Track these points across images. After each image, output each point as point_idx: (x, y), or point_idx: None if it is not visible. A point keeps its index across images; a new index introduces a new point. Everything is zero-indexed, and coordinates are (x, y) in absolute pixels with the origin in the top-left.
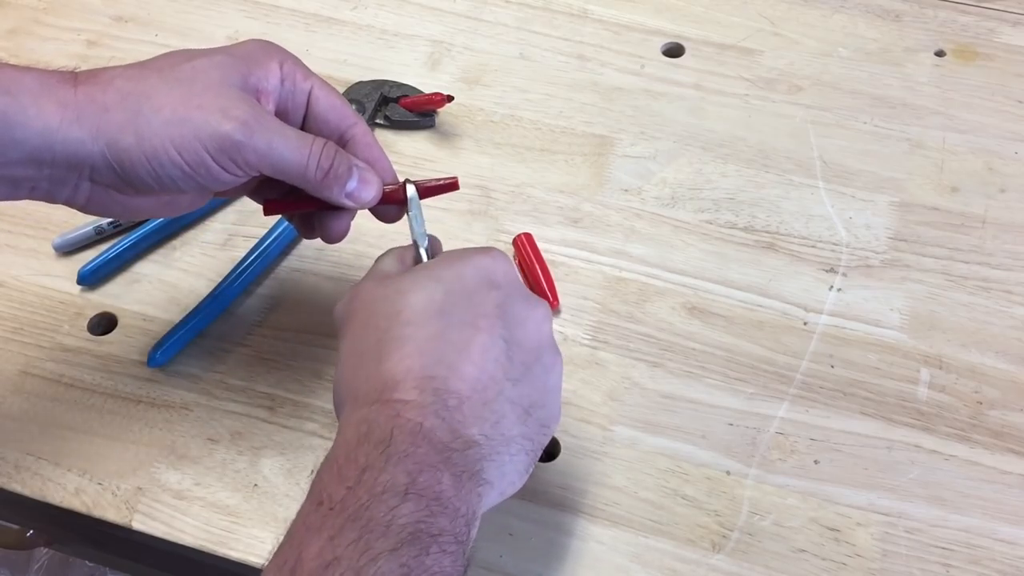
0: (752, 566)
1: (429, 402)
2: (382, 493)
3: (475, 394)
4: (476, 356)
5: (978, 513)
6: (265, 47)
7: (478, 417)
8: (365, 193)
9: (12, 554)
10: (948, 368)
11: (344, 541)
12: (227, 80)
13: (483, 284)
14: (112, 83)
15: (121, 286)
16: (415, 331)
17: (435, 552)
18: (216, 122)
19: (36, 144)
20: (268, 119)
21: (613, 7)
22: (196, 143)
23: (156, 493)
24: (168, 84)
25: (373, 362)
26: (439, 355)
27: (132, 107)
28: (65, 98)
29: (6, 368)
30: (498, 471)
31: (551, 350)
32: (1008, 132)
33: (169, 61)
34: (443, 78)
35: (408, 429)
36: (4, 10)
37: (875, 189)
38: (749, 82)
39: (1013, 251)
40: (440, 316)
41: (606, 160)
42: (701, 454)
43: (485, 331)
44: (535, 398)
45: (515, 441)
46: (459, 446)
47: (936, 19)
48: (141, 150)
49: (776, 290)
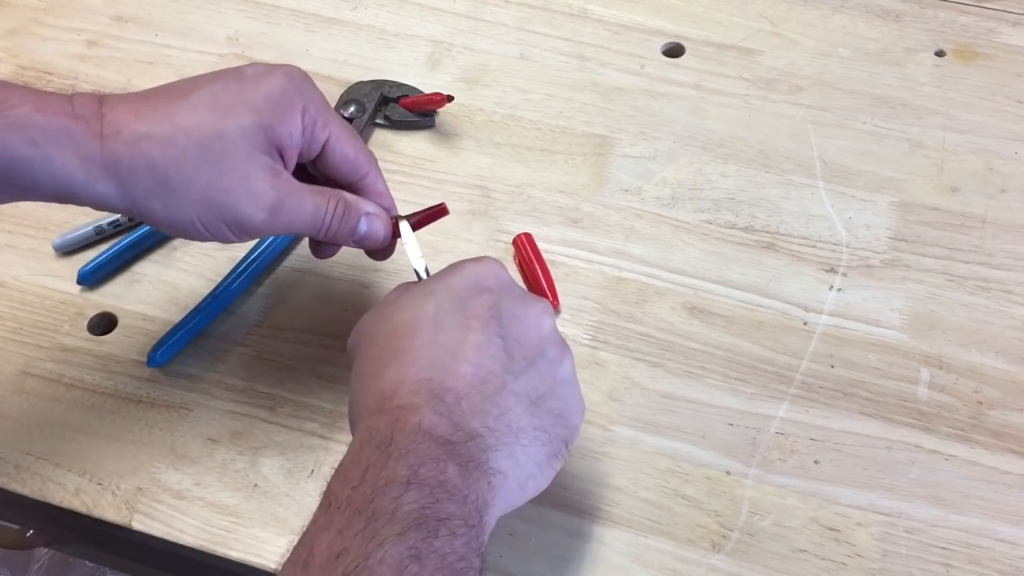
0: (752, 566)
1: (425, 402)
2: (385, 486)
3: (473, 390)
4: (471, 355)
5: (978, 513)
6: (292, 92)
7: (479, 411)
8: (373, 239)
9: (12, 554)
10: (948, 368)
11: (351, 532)
12: (254, 151)
13: (474, 290)
14: (138, 146)
15: (121, 286)
16: (409, 342)
17: (444, 535)
18: (244, 211)
19: (59, 191)
20: (289, 198)
21: (613, 7)
22: (220, 223)
23: (156, 493)
24: (195, 155)
25: (372, 378)
26: (433, 360)
27: (159, 178)
28: (91, 153)
29: (6, 368)
30: (510, 460)
31: (555, 344)
32: (1008, 132)
33: (196, 118)
34: (443, 78)
35: (407, 430)
36: (4, 10)
37: (875, 189)
38: (749, 82)
39: (1013, 251)
40: (432, 325)
41: (606, 160)
42: (701, 454)
43: (478, 331)
44: (542, 390)
45: (525, 432)
46: (461, 438)
47: (936, 19)
48: (167, 216)
49: (776, 290)
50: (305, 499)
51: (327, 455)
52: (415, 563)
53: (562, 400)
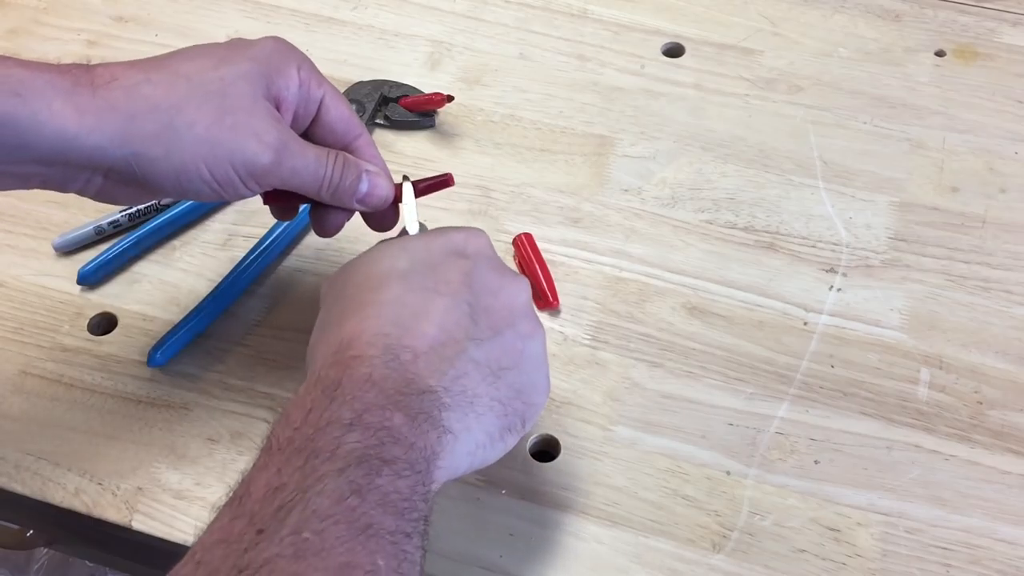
0: (752, 566)
1: (379, 355)
2: (327, 426)
3: (432, 351)
4: (434, 317)
5: (978, 513)
6: (284, 50)
7: (435, 370)
8: (376, 197)
9: (12, 554)
10: (948, 368)
11: (290, 469)
12: (255, 94)
13: (450, 254)
14: (138, 89)
15: (121, 286)
16: (375, 296)
17: (388, 474)
18: (252, 149)
19: (49, 147)
20: (292, 142)
21: (613, 7)
22: (227, 165)
23: (156, 493)
24: (198, 96)
25: (335, 326)
26: (395, 317)
27: (162, 119)
28: (82, 103)
29: (6, 368)
30: (462, 423)
31: (528, 319)
32: (1008, 132)
33: (195, 65)
34: (443, 78)
35: (356, 378)
36: (4, 10)
37: (875, 189)
38: (749, 82)
39: (1013, 251)
40: (400, 281)
41: (606, 160)
42: (701, 454)
43: (447, 295)
44: (505, 363)
45: (481, 400)
46: (412, 391)
47: (936, 19)
48: (170, 163)
49: (776, 290)
50: None
51: None
52: (355, 496)
53: (526, 376)
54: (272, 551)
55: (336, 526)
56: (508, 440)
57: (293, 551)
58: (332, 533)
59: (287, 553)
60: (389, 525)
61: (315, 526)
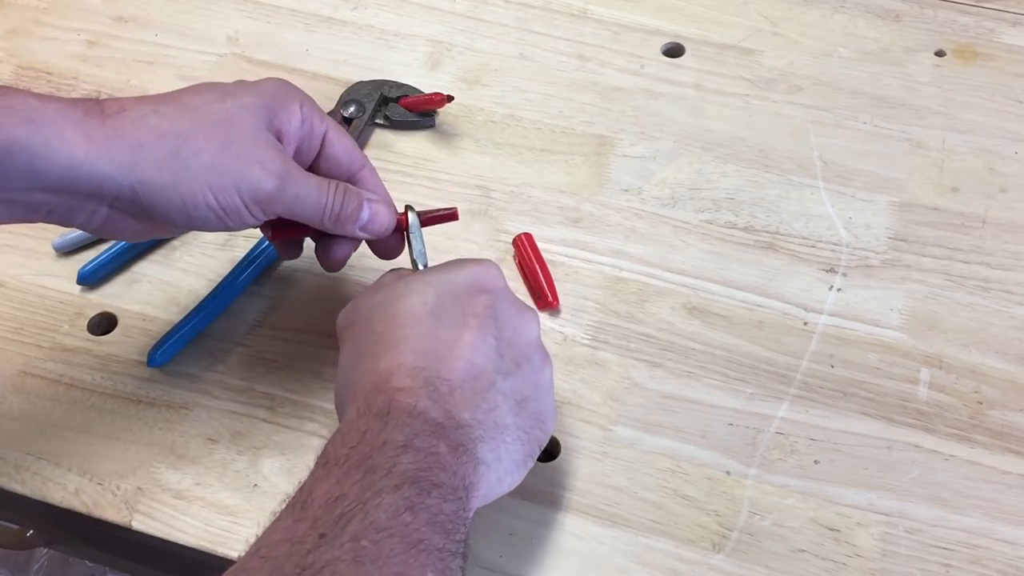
0: (752, 566)
1: (420, 387)
2: (383, 446)
3: (465, 384)
4: (466, 352)
5: (978, 513)
6: (286, 88)
7: (469, 403)
8: (378, 224)
9: (12, 554)
10: (948, 368)
11: (349, 482)
12: (259, 125)
13: (473, 288)
14: (145, 119)
15: (121, 286)
16: (409, 331)
17: (436, 497)
18: (256, 176)
19: (58, 175)
20: (295, 171)
21: (613, 7)
22: (233, 192)
23: (156, 493)
24: (204, 126)
25: (371, 360)
26: (430, 350)
27: (169, 147)
28: (92, 131)
29: (6, 368)
30: (493, 454)
31: (541, 352)
32: (1008, 132)
33: (200, 99)
34: (443, 78)
35: (404, 408)
36: (4, 10)
37: (875, 189)
38: (749, 82)
39: (1013, 251)
40: (432, 317)
41: (606, 160)
42: (701, 454)
43: (475, 329)
44: (527, 393)
45: (509, 430)
46: (452, 424)
47: (936, 19)
48: (177, 190)
49: (776, 290)
50: None
51: None
52: (409, 513)
53: (541, 404)
54: (333, 554)
55: (391, 539)
56: (528, 464)
57: (352, 556)
58: (388, 545)
59: (347, 557)
60: (438, 543)
61: (373, 536)
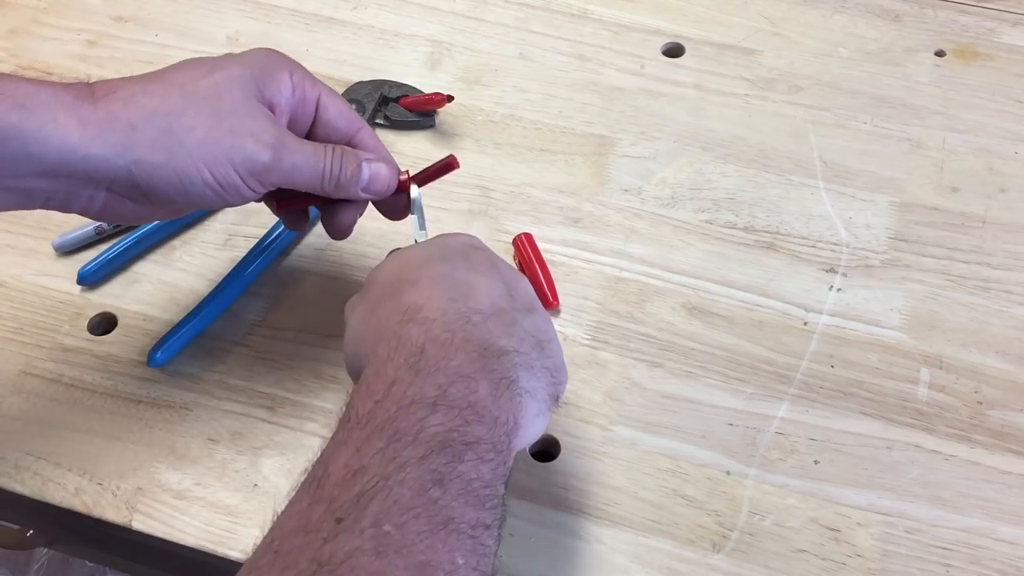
0: (752, 566)
1: (454, 319)
2: (410, 404)
3: (494, 316)
4: (484, 290)
5: (978, 513)
6: (274, 57)
7: (504, 332)
8: (379, 183)
9: (12, 554)
10: (948, 368)
11: (371, 450)
12: (249, 97)
13: (469, 247)
14: (135, 100)
15: (121, 286)
16: (424, 272)
17: (470, 459)
18: (250, 148)
19: (53, 159)
20: (289, 139)
21: (613, 7)
22: (228, 165)
23: (156, 493)
24: (194, 102)
25: (392, 300)
26: (451, 287)
27: (161, 125)
28: (84, 114)
29: (6, 368)
30: (530, 384)
31: (543, 310)
32: (1008, 132)
33: (187, 75)
34: (443, 78)
35: (440, 341)
36: (4, 10)
37: (875, 189)
38: (749, 82)
39: (1013, 251)
40: (443, 261)
41: (606, 160)
42: (701, 454)
43: (485, 275)
44: (542, 336)
45: (537, 365)
46: (494, 353)
47: (936, 19)
48: (172, 168)
49: (776, 290)
50: None
51: None
52: (437, 487)
53: (556, 353)
54: (353, 544)
55: (417, 520)
56: (551, 411)
57: (374, 545)
58: (413, 528)
59: (368, 547)
60: (470, 518)
61: (396, 519)
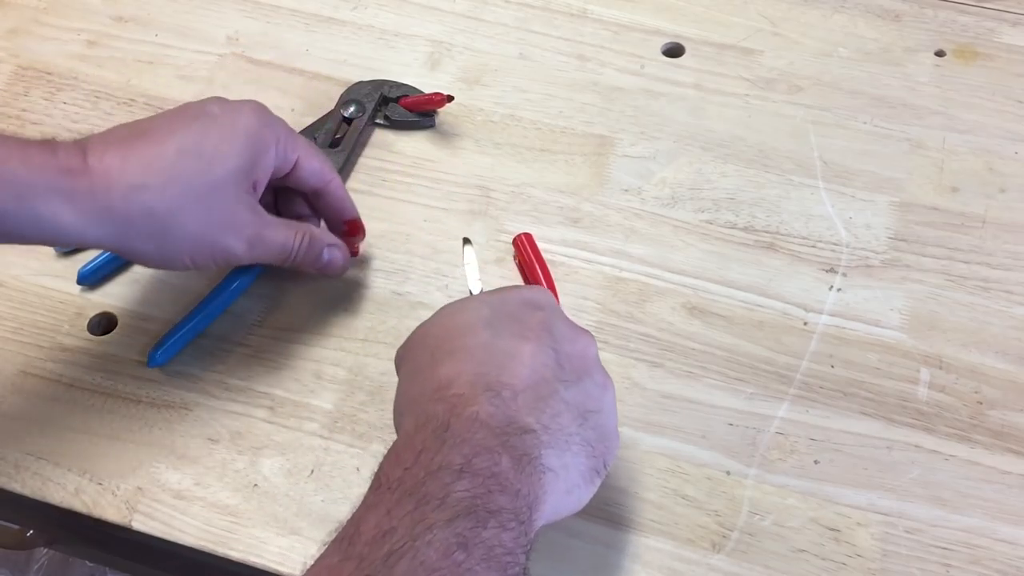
0: (752, 566)
1: (482, 393)
2: (438, 470)
3: (528, 389)
4: (527, 359)
5: (978, 513)
6: (263, 131)
7: (533, 408)
8: (333, 268)
9: (12, 554)
10: (948, 368)
11: (400, 512)
12: (240, 191)
13: (526, 306)
14: (134, 196)
15: (121, 286)
16: (466, 341)
17: (493, 527)
18: (231, 243)
19: (48, 238)
20: (265, 229)
21: (613, 7)
22: (208, 256)
23: (156, 493)
24: (190, 201)
25: (428, 371)
26: (489, 358)
27: (156, 225)
28: (81, 205)
29: (6, 368)
30: (560, 461)
31: (601, 370)
32: (1008, 132)
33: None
34: (443, 78)
35: (465, 417)
36: (4, 10)
37: (875, 189)
38: (749, 82)
39: (1013, 251)
40: (488, 328)
41: (606, 160)
42: (701, 454)
43: (533, 341)
44: (590, 405)
45: (574, 440)
46: (516, 431)
47: (936, 19)
48: (160, 255)
49: (776, 290)
50: (305, 499)
51: (327, 455)
52: (462, 551)
53: (606, 421)
54: None
55: None
56: (595, 483)
57: None
58: None
59: None
60: None
61: None
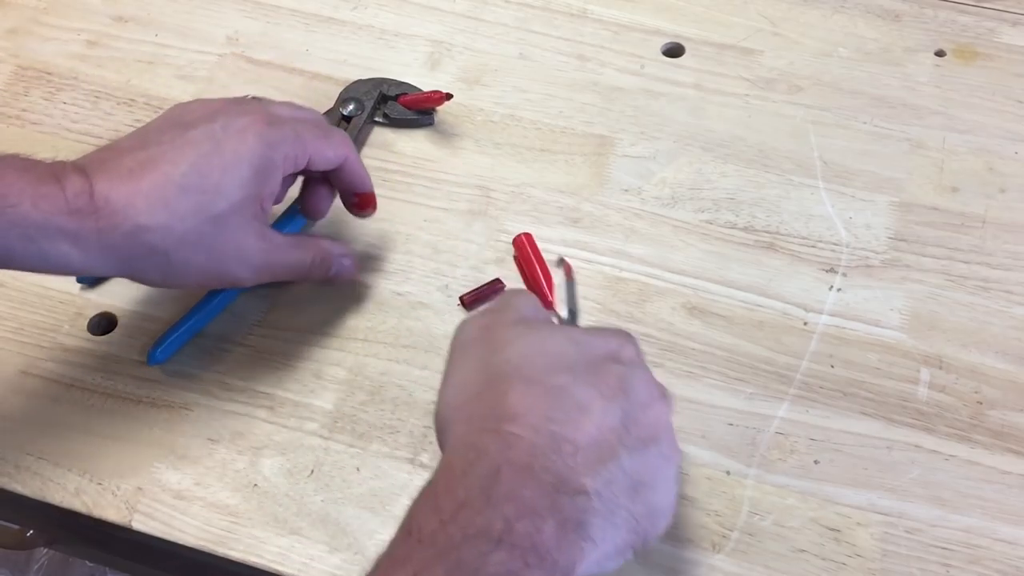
0: (752, 566)
1: (543, 443)
2: (475, 536)
3: (590, 448)
4: (596, 416)
5: (978, 513)
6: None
7: (591, 469)
8: (343, 278)
9: (12, 554)
10: (948, 368)
11: None
12: (245, 222)
13: (609, 358)
14: (138, 236)
15: (121, 286)
16: (543, 377)
17: None
18: (237, 272)
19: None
20: (274, 255)
21: (613, 7)
22: (217, 284)
23: (156, 493)
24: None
25: (497, 392)
26: (560, 405)
27: (160, 260)
28: (87, 245)
29: (6, 368)
30: (602, 533)
31: (670, 440)
32: (1008, 132)
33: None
34: (443, 78)
35: (519, 465)
36: (4, 10)
37: (875, 189)
38: (749, 82)
39: (1013, 251)
40: (569, 372)
41: (606, 160)
42: (701, 454)
43: (606, 397)
44: (646, 478)
45: (621, 512)
46: (568, 491)
47: (936, 19)
48: (164, 282)
49: (776, 290)
50: (305, 499)
51: (327, 455)
52: None
53: (659, 497)
54: None
55: None
56: (626, 556)
57: None
58: None
59: None
60: None
61: None
